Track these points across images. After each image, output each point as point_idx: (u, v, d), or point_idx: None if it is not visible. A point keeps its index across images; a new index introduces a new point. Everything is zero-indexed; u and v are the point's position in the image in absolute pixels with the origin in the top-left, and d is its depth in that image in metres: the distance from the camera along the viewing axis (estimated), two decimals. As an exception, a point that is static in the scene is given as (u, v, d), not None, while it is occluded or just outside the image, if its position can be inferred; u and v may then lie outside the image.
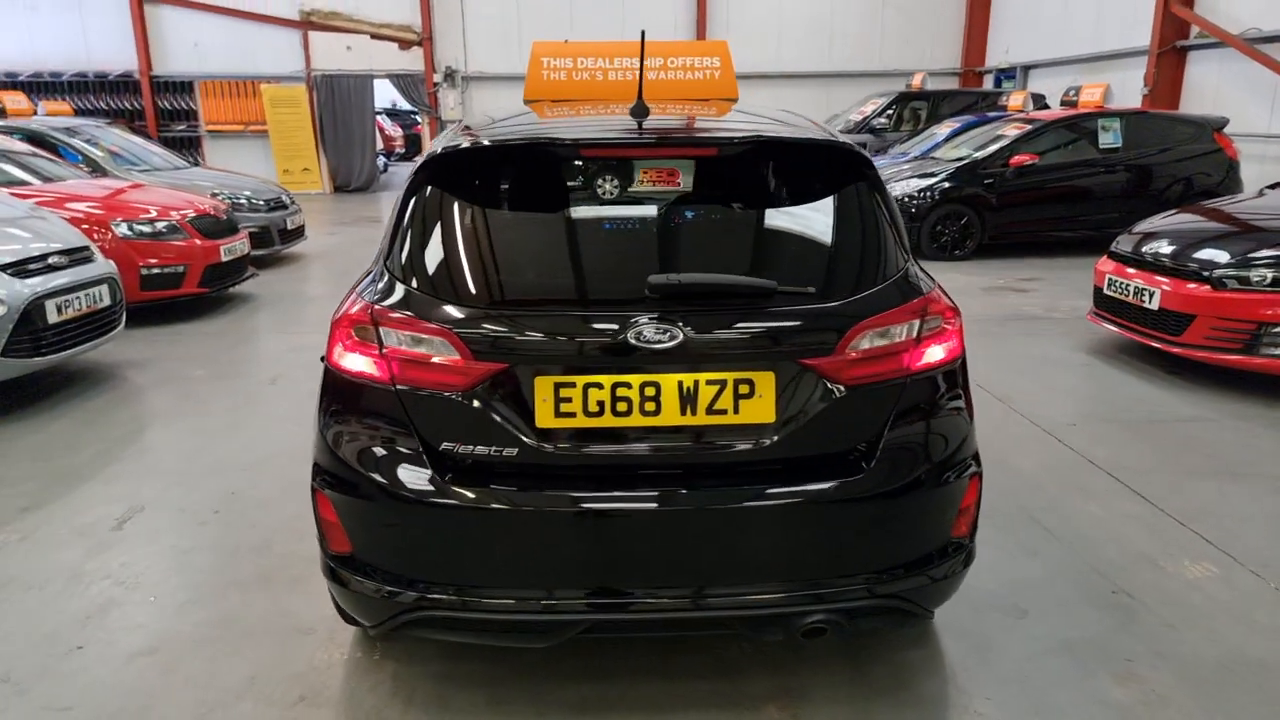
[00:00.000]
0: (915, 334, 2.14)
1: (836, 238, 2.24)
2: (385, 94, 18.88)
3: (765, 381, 2.07)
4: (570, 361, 2.03)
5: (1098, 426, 4.52)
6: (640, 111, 2.48)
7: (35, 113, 10.49)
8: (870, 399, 2.12)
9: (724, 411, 2.06)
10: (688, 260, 2.16)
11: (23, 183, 7.14)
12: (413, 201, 2.20)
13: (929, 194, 9.77)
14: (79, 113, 15.53)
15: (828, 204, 2.25)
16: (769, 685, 2.47)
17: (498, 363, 2.02)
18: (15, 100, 9.76)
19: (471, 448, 2.06)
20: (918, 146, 11.91)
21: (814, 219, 2.25)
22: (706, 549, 2.07)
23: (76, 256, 5.12)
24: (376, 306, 2.10)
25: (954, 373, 2.26)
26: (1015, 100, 12.14)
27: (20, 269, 4.64)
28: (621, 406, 2.04)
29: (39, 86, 17.48)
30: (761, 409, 2.07)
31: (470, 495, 2.03)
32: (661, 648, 2.62)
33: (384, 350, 2.07)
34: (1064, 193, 9.82)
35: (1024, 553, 3.21)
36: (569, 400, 2.04)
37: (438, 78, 18.07)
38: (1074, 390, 5.14)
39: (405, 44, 17.94)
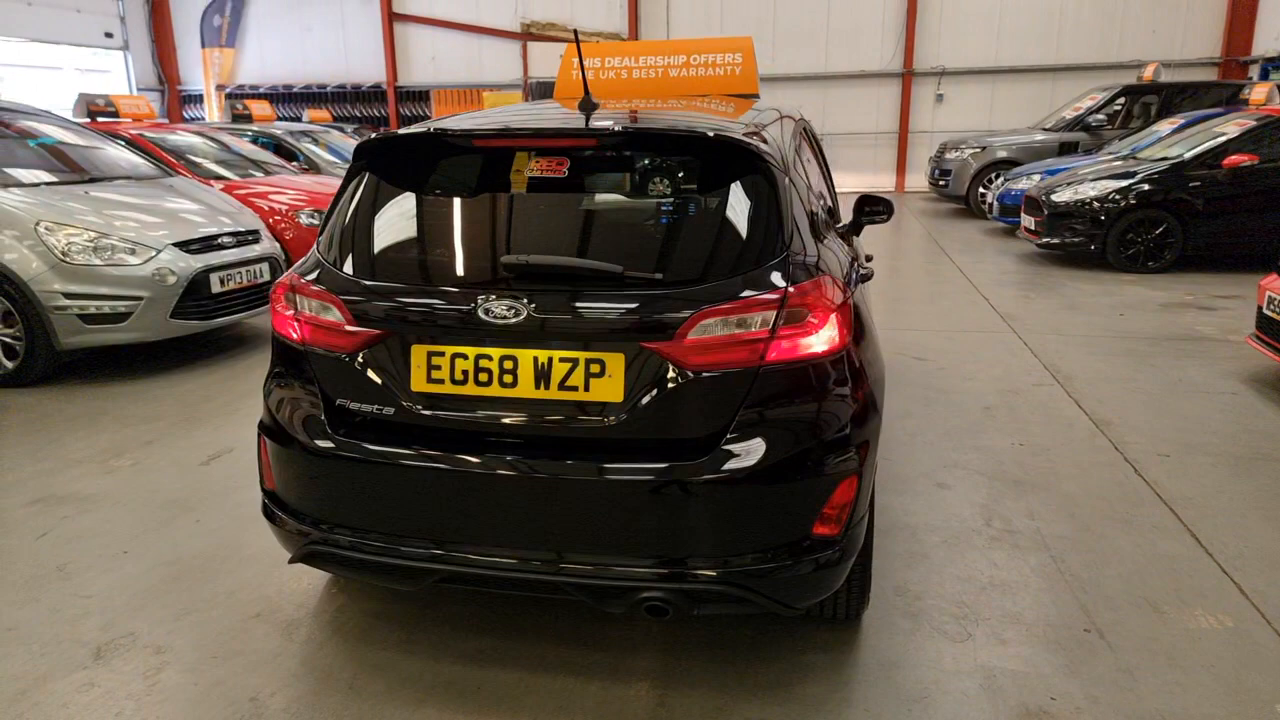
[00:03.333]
0: (770, 325, 2.13)
1: (700, 228, 2.27)
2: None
3: (615, 362, 2.15)
4: (434, 332, 2.23)
5: (1196, 459, 4.00)
6: (587, 107, 2.63)
7: (277, 118, 12.23)
8: (716, 387, 2.13)
9: (575, 388, 2.17)
10: (553, 243, 2.28)
11: (250, 176, 8.43)
12: (346, 186, 2.50)
13: (1121, 197, 8.85)
14: (336, 119, 17.77)
15: (700, 195, 2.28)
16: (654, 663, 2.53)
17: (376, 329, 2.26)
18: (261, 108, 11.42)
19: (359, 405, 2.32)
20: (1129, 145, 10.80)
21: (682, 209, 2.28)
22: (548, 516, 2.19)
23: (245, 238, 6.01)
24: (297, 277, 2.42)
25: (826, 367, 2.21)
26: (1258, 94, 10.65)
27: (191, 246, 5.54)
28: (483, 377, 2.21)
29: (309, 97, 20.17)
30: (610, 388, 2.16)
31: (352, 447, 2.29)
32: (575, 614, 2.75)
33: (298, 315, 2.39)
34: (1294, 200, 8.52)
35: (1012, 580, 2.98)
36: (439, 368, 2.24)
37: (642, 82, 18.74)
38: (1194, 419, 4.55)
39: (614, 50, 18.77)
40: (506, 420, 2.22)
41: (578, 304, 2.14)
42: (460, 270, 2.29)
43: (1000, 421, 4.54)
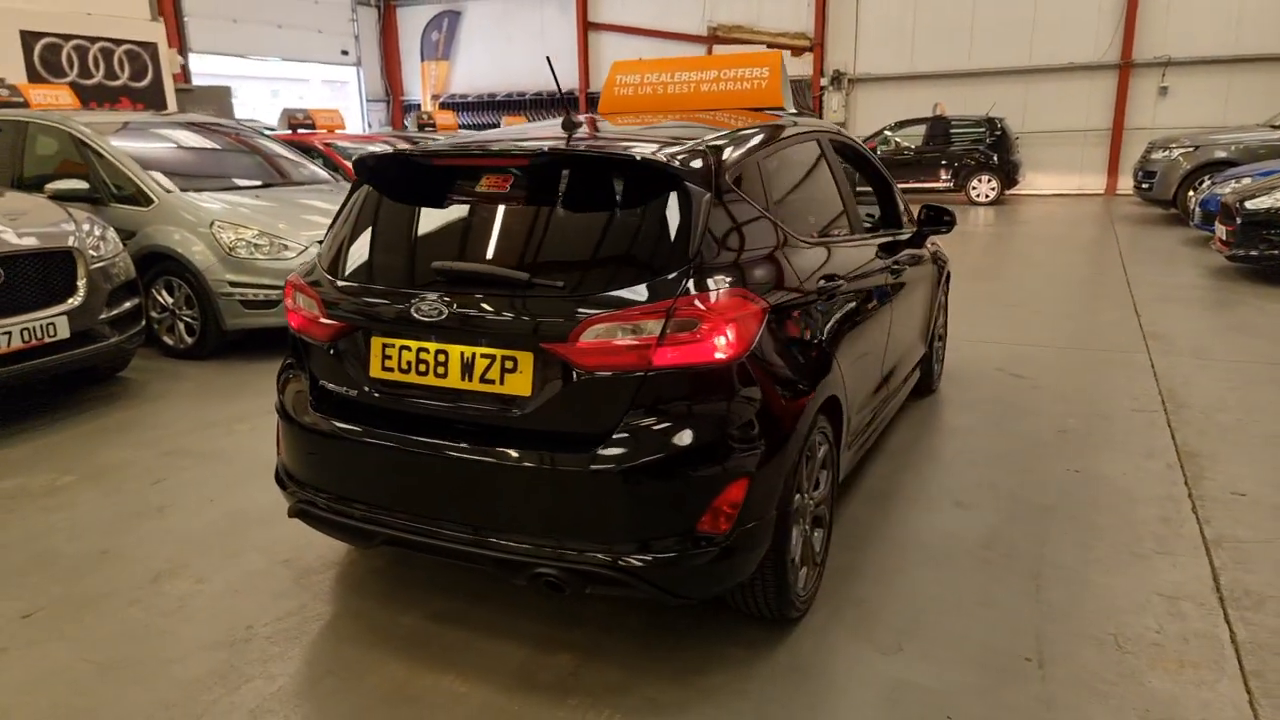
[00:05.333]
0: (659, 332, 2.29)
1: (610, 240, 2.44)
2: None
3: (525, 360, 2.40)
4: (386, 327, 2.57)
5: (1275, 502, 3.61)
6: (569, 125, 2.90)
7: (458, 126, 13.32)
8: (608, 387, 2.32)
9: (493, 381, 2.45)
10: (484, 251, 2.55)
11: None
12: (349, 198, 2.91)
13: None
14: (531, 124, 18.99)
15: (617, 211, 2.46)
16: (585, 639, 2.75)
17: (342, 322, 2.65)
18: (445, 118, 12.52)
19: (334, 387, 2.73)
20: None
21: (598, 223, 2.47)
22: (463, 494, 2.48)
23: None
24: (298, 276, 2.86)
25: (719, 374, 2.33)
26: None
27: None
28: (422, 367, 2.54)
29: (509, 104, 21.63)
30: (521, 383, 2.41)
31: (325, 423, 2.70)
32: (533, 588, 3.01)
33: (296, 308, 2.83)
34: None
35: (976, 601, 2.91)
36: (390, 358, 2.59)
37: (824, 81, 18.48)
38: (1307, 456, 4.06)
39: (798, 50, 18.65)
40: (438, 406, 2.53)
41: (488, 306, 2.41)
42: (406, 273, 2.63)
43: (1069, 446, 4.29)
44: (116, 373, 5.73)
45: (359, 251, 2.76)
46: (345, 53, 21.95)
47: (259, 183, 7.01)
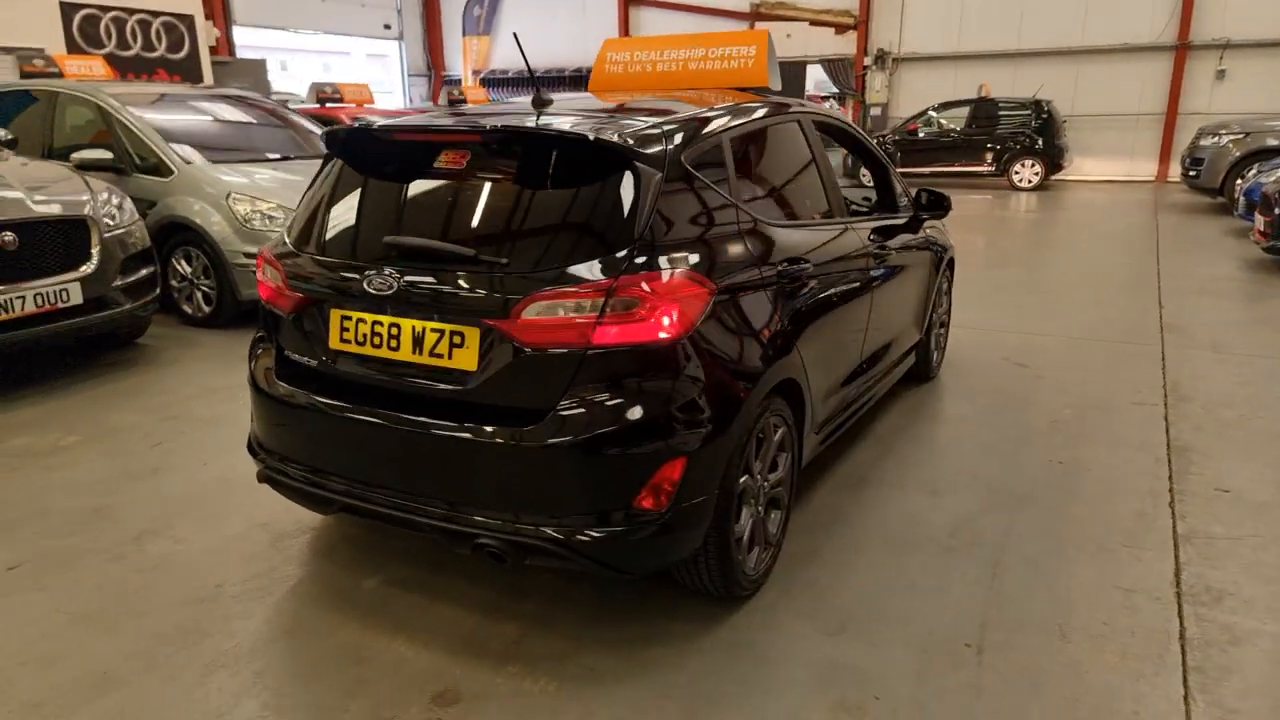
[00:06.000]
0: (599, 311, 2.32)
1: (558, 218, 2.47)
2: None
3: (472, 335, 2.45)
4: (344, 299, 2.64)
5: (1260, 498, 3.53)
6: (539, 103, 2.93)
7: (489, 101, 13.41)
8: (549, 363, 2.36)
9: (441, 355, 2.50)
10: (436, 227, 2.59)
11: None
12: (320, 171, 2.97)
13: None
14: (569, 101, 18.94)
15: (567, 189, 2.49)
16: (536, 609, 2.81)
17: (305, 294, 2.72)
18: (475, 93, 12.60)
19: (297, 357, 2.81)
20: None
21: (548, 201, 2.50)
22: (412, 465, 2.55)
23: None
24: (268, 249, 2.94)
25: (659, 353, 2.36)
26: None
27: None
28: (376, 340, 2.60)
29: (550, 81, 21.61)
30: (467, 357, 2.46)
31: (287, 391, 2.78)
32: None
33: (265, 279, 2.91)
34: None
35: (931, 587, 2.91)
36: (348, 330, 2.66)
37: (868, 61, 18.15)
38: (1305, 454, 3.96)
39: (841, 29, 18.34)
40: (391, 378, 2.60)
41: (435, 281, 2.46)
42: (364, 246, 2.69)
43: (1059, 438, 4.23)
44: (134, 339, 5.92)
45: (324, 224, 2.83)
46: (388, 26, 22.12)
47: (282, 156, 7.14)
